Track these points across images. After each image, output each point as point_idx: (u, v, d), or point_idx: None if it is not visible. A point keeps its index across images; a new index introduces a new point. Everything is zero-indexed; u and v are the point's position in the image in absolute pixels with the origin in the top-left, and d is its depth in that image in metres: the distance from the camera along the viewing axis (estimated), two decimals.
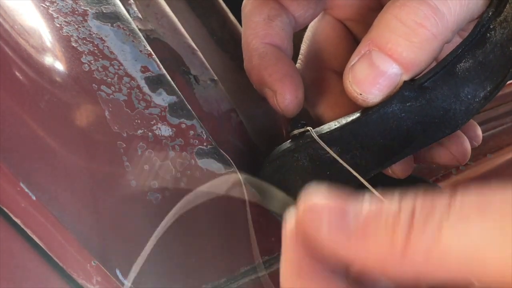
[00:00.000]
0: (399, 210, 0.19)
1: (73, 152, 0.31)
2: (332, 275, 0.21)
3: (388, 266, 0.19)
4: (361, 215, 0.20)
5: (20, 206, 0.28)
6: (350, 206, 0.20)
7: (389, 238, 0.19)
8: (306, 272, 0.21)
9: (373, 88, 0.31)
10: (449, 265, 0.18)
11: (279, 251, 0.36)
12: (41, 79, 0.32)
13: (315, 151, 0.34)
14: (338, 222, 0.20)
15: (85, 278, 0.29)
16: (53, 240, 0.29)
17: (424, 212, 0.18)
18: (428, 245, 0.18)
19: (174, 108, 0.35)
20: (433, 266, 0.18)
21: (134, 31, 0.37)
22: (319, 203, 0.21)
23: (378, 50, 0.30)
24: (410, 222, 0.19)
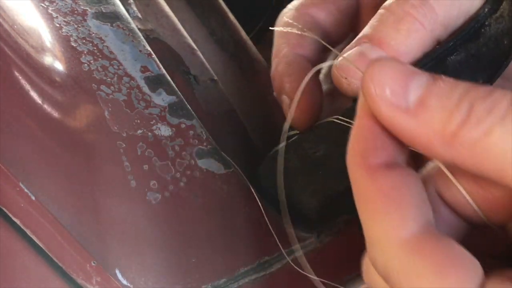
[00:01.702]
0: (461, 97, 0.20)
1: (73, 152, 0.31)
2: (393, 146, 0.22)
3: (435, 145, 0.21)
4: (423, 89, 0.21)
5: (19, 206, 0.28)
6: (415, 76, 0.21)
7: (444, 120, 0.20)
8: (367, 137, 0.23)
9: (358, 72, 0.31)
10: (491, 161, 0.20)
11: (279, 251, 0.36)
12: (40, 79, 0.32)
13: (304, 151, 0.34)
14: (400, 89, 0.21)
15: (84, 278, 0.29)
16: (53, 240, 0.28)
17: (483, 108, 0.20)
18: (478, 137, 0.19)
19: (174, 108, 0.35)
20: (476, 158, 0.20)
21: (133, 31, 0.37)
22: (387, 64, 0.21)
23: (368, 42, 0.30)
24: (468, 112, 0.20)
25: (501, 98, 0.20)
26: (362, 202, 0.23)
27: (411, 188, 0.22)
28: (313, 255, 0.38)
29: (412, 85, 0.21)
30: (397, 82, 0.21)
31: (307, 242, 0.38)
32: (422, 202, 0.22)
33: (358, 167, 0.23)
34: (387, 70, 0.21)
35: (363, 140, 0.23)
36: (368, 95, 0.22)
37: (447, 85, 0.21)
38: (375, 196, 0.22)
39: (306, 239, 0.38)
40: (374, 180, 0.22)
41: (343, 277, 0.38)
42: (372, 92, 0.21)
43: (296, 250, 0.37)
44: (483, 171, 0.20)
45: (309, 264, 0.34)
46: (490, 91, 0.20)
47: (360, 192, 0.23)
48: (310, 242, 0.38)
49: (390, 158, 0.22)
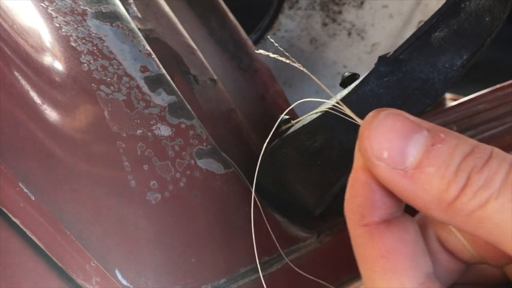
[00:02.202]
0: (459, 167, 0.20)
1: (72, 152, 0.31)
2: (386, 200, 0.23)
3: (432, 209, 0.21)
4: (422, 151, 0.21)
5: (19, 206, 0.28)
6: (414, 135, 0.21)
7: (442, 189, 0.20)
8: (361, 187, 0.23)
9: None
10: (486, 230, 0.20)
11: (279, 252, 0.36)
12: (40, 79, 0.32)
13: (301, 143, 0.34)
14: (398, 152, 0.21)
15: (84, 278, 0.29)
16: (52, 240, 0.28)
17: (480, 181, 0.20)
18: (474, 208, 0.20)
19: (173, 108, 0.35)
20: (472, 225, 0.20)
21: (133, 31, 0.37)
22: (385, 122, 0.21)
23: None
24: (465, 183, 0.20)
25: (497, 169, 0.20)
26: (361, 259, 0.23)
27: (409, 244, 0.23)
28: (313, 255, 0.38)
29: (411, 147, 0.21)
30: (395, 144, 0.21)
31: (307, 242, 0.38)
32: (421, 256, 0.23)
33: (356, 225, 0.23)
34: (385, 129, 0.21)
35: (360, 196, 0.23)
36: (365, 156, 0.22)
37: (446, 150, 0.21)
38: (374, 256, 0.22)
39: (306, 239, 0.38)
40: (373, 240, 0.22)
41: (343, 277, 0.38)
42: (369, 154, 0.21)
43: (296, 251, 0.37)
44: (479, 236, 0.21)
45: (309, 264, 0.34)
46: (487, 160, 0.20)
47: (359, 250, 0.23)
48: (310, 242, 0.38)
49: (388, 213, 0.23)
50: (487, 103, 0.55)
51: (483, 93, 0.56)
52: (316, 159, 0.34)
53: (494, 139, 0.53)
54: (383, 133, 0.21)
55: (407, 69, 0.32)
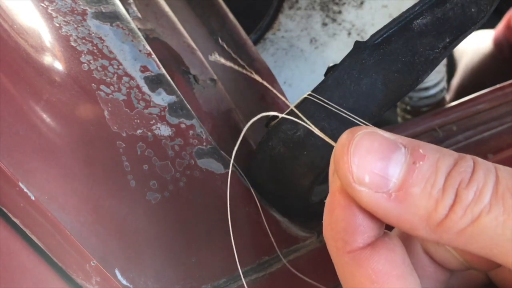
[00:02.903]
0: (445, 184, 0.19)
1: (72, 152, 0.31)
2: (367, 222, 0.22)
3: (420, 230, 0.20)
4: (404, 171, 0.20)
5: (19, 206, 0.28)
6: (393, 154, 0.20)
7: (429, 209, 0.19)
8: (340, 210, 0.22)
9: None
10: (478, 245, 0.19)
11: (279, 251, 0.36)
12: (40, 78, 0.32)
13: (285, 133, 0.34)
14: (380, 175, 0.20)
15: (84, 278, 0.29)
16: (52, 240, 0.28)
17: (469, 197, 0.19)
18: (465, 226, 0.19)
19: (173, 108, 0.35)
20: (463, 242, 0.20)
21: (133, 31, 0.37)
22: (361, 144, 0.20)
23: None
24: (453, 200, 0.19)
25: (485, 182, 0.19)
26: (349, 287, 0.22)
27: (397, 265, 0.22)
28: (313, 254, 0.38)
29: (392, 167, 0.20)
30: (376, 167, 0.20)
31: (307, 242, 0.38)
32: (409, 274, 0.22)
33: (340, 253, 0.22)
34: (363, 152, 0.20)
35: (341, 221, 0.22)
36: (345, 181, 0.21)
37: (429, 167, 0.20)
38: (364, 283, 0.22)
39: (306, 239, 0.38)
40: (360, 266, 0.22)
41: None
42: (350, 180, 0.20)
43: (296, 250, 0.37)
44: (471, 251, 0.20)
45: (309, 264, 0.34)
46: (473, 172, 0.20)
47: (347, 278, 0.22)
48: (310, 242, 0.38)
49: (372, 236, 0.22)
50: (487, 103, 0.55)
51: (483, 93, 0.56)
52: (303, 149, 0.33)
53: (494, 139, 0.53)
54: (362, 157, 0.20)
55: (385, 52, 0.32)
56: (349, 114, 0.31)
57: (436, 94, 0.67)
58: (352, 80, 0.32)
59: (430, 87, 0.66)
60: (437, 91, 0.67)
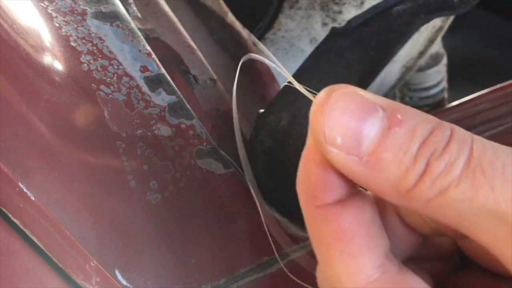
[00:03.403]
0: (417, 152, 0.19)
1: (72, 152, 0.31)
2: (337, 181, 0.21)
3: (388, 195, 0.20)
4: (378, 136, 0.20)
5: (19, 206, 0.28)
6: (369, 117, 0.20)
7: (399, 176, 0.19)
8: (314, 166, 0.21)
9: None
10: (444, 215, 0.19)
11: (279, 252, 0.36)
12: (40, 78, 0.32)
13: (270, 125, 0.34)
14: (352, 138, 0.20)
15: (84, 278, 0.29)
16: (52, 241, 0.28)
17: (439, 168, 0.19)
18: (433, 196, 0.19)
19: (173, 108, 0.35)
20: (430, 211, 0.20)
21: (133, 31, 0.37)
22: (337, 103, 0.20)
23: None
24: (423, 170, 0.19)
25: (457, 154, 0.19)
26: (316, 242, 0.22)
27: (366, 224, 0.22)
28: (313, 254, 0.38)
29: (366, 130, 0.20)
30: (349, 129, 0.20)
31: (307, 242, 0.38)
32: (378, 235, 0.22)
33: (310, 207, 0.22)
34: (337, 113, 0.20)
35: (313, 176, 0.21)
36: (317, 141, 0.20)
37: (404, 134, 0.19)
38: (329, 239, 0.22)
39: (306, 239, 0.38)
40: (327, 222, 0.22)
41: None
42: (322, 140, 0.20)
43: (295, 251, 0.37)
44: (438, 219, 0.20)
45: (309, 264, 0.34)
46: (447, 143, 0.19)
47: (314, 233, 0.22)
48: (310, 242, 0.38)
49: (342, 194, 0.22)
50: (487, 103, 0.55)
51: (483, 93, 0.56)
52: (288, 139, 0.33)
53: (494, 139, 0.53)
54: (336, 117, 0.20)
55: (361, 33, 0.32)
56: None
57: (436, 94, 0.67)
58: (329, 63, 0.32)
59: (430, 87, 0.67)
60: (437, 91, 0.67)
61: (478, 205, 0.19)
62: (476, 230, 0.20)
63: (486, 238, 0.20)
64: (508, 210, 0.19)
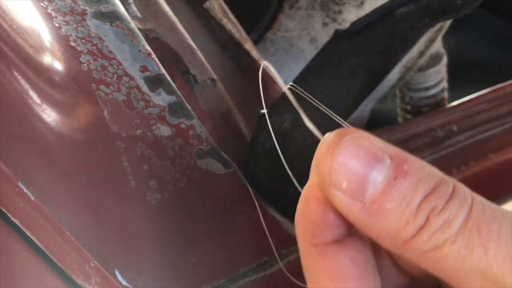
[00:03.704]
0: (419, 206, 0.20)
1: (72, 152, 0.31)
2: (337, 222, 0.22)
3: (385, 242, 0.20)
4: (383, 185, 0.20)
5: (19, 206, 0.28)
6: (376, 165, 0.20)
7: (398, 227, 0.20)
8: (312, 207, 0.22)
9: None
10: (438, 268, 0.20)
11: (279, 252, 0.36)
12: (40, 78, 0.32)
13: (272, 127, 0.34)
14: (358, 185, 0.20)
15: (84, 278, 0.29)
16: (52, 241, 0.28)
17: (438, 224, 0.20)
18: (428, 250, 0.20)
19: (173, 108, 0.35)
20: (423, 262, 0.20)
21: (133, 31, 0.37)
22: (347, 148, 0.20)
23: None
24: (423, 224, 0.20)
25: (457, 212, 0.20)
26: (311, 279, 0.23)
27: (360, 265, 0.22)
28: None
29: (372, 178, 0.20)
30: (355, 175, 0.20)
31: None
32: (372, 276, 0.22)
33: (307, 244, 0.22)
34: (346, 158, 0.20)
35: (313, 214, 0.22)
36: (322, 183, 0.21)
37: (408, 186, 0.20)
38: (324, 278, 0.22)
39: None
40: (324, 261, 0.22)
41: None
42: (327, 183, 0.20)
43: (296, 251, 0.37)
44: (430, 271, 0.21)
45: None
46: (448, 200, 0.20)
47: (309, 269, 0.23)
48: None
49: (340, 234, 0.22)
50: (487, 103, 0.55)
51: (483, 93, 0.56)
52: (290, 141, 0.33)
53: (494, 139, 0.53)
54: (344, 162, 0.20)
55: (365, 37, 0.32)
56: (328, 110, 0.31)
57: (436, 94, 0.67)
58: (333, 66, 0.32)
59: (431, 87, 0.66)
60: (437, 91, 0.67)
61: (470, 264, 0.20)
62: (465, 286, 0.20)
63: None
64: (499, 273, 0.19)
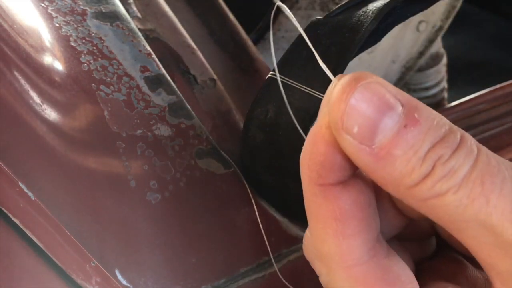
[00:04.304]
0: (426, 154, 0.20)
1: (72, 152, 0.31)
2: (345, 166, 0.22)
3: (389, 186, 0.21)
4: (393, 133, 0.20)
5: (19, 206, 0.28)
6: (388, 112, 0.20)
7: (404, 174, 0.20)
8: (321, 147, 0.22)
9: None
10: (438, 215, 0.21)
11: (279, 252, 0.36)
12: (40, 78, 0.32)
13: (258, 119, 0.33)
14: (368, 131, 0.20)
15: (84, 278, 0.29)
16: (52, 241, 0.28)
17: (443, 171, 0.20)
18: (431, 196, 0.20)
19: (173, 108, 0.35)
20: (424, 208, 0.21)
21: (133, 31, 0.37)
22: (361, 91, 0.20)
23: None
24: (428, 171, 0.20)
25: (462, 162, 0.20)
26: (313, 218, 0.23)
27: (363, 207, 0.22)
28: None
29: (382, 125, 0.20)
30: (367, 120, 0.20)
31: None
32: (373, 218, 0.23)
33: (312, 183, 0.22)
34: (361, 104, 0.20)
35: (321, 155, 0.22)
36: (334, 126, 0.21)
37: (417, 135, 0.20)
38: (326, 218, 0.22)
39: None
40: (327, 201, 0.22)
41: None
42: (339, 126, 0.21)
43: (296, 251, 0.37)
44: (429, 217, 0.21)
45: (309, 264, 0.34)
46: (455, 150, 0.20)
47: (312, 209, 0.23)
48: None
49: (346, 175, 0.22)
50: (487, 103, 0.55)
51: (483, 93, 0.56)
52: (278, 130, 0.33)
53: (494, 139, 0.53)
54: (357, 108, 0.20)
55: (339, 19, 0.32)
56: (309, 89, 0.31)
57: (436, 94, 0.67)
58: (308, 50, 0.32)
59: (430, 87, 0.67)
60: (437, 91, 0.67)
61: (470, 213, 0.20)
62: (463, 234, 0.21)
63: (472, 243, 0.21)
64: (497, 223, 0.20)
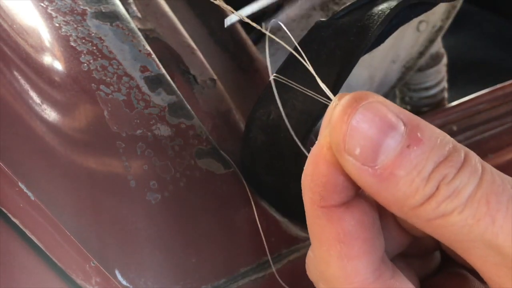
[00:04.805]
0: (430, 175, 0.20)
1: (72, 152, 0.31)
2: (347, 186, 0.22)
3: (392, 207, 0.21)
4: (395, 153, 0.20)
5: (19, 206, 0.28)
6: (390, 132, 0.20)
7: (408, 194, 0.20)
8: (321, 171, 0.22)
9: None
10: (442, 235, 0.20)
11: (279, 252, 0.36)
12: (40, 78, 0.32)
13: (260, 120, 0.33)
14: (371, 152, 0.20)
15: (84, 278, 0.29)
16: (52, 241, 0.28)
17: (447, 192, 0.20)
18: (437, 216, 0.20)
19: (173, 108, 0.35)
20: (428, 228, 0.20)
21: (133, 31, 0.37)
22: (363, 112, 0.20)
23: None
24: (432, 192, 0.20)
25: (467, 182, 0.20)
26: (317, 241, 0.23)
27: (367, 228, 0.22)
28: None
29: (385, 145, 0.20)
30: (369, 141, 0.20)
31: (307, 242, 0.38)
32: (377, 238, 0.23)
33: (314, 205, 0.22)
34: (362, 126, 0.20)
35: (323, 176, 0.22)
36: (335, 148, 0.21)
37: (420, 154, 0.20)
38: (330, 240, 0.22)
39: (306, 239, 0.38)
40: (331, 223, 0.22)
41: None
42: (341, 148, 0.20)
43: (296, 251, 0.37)
44: (434, 236, 0.21)
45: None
46: (459, 169, 0.20)
47: (316, 231, 0.23)
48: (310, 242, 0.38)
49: (348, 196, 0.22)
50: (487, 103, 0.55)
51: (483, 93, 0.56)
52: (279, 132, 0.33)
53: (494, 139, 0.53)
54: (359, 129, 0.20)
55: (344, 22, 0.32)
56: (311, 92, 0.31)
57: (436, 94, 0.67)
58: (313, 51, 0.32)
59: (430, 87, 0.67)
60: (437, 91, 0.67)
61: (476, 234, 0.20)
62: (469, 254, 0.21)
63: (478, 262, 0.21)
64: (504, 244, 0.20)
